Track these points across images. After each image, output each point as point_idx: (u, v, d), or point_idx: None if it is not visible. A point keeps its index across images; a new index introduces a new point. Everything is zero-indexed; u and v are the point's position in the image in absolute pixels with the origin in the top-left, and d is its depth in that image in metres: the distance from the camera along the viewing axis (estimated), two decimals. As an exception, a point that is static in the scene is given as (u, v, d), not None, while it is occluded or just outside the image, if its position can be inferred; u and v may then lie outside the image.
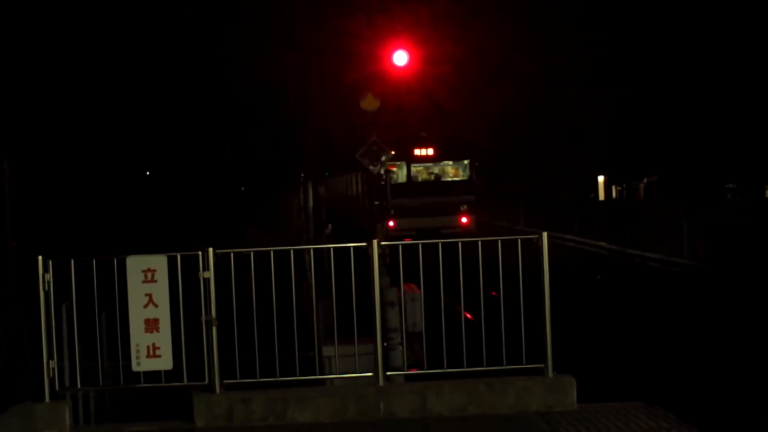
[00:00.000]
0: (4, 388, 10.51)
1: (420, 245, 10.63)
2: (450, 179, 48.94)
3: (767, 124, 58.29)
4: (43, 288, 10.23)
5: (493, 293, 10.09)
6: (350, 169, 52.39)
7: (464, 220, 46.84)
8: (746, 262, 34.47)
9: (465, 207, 47.14)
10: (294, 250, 10.75)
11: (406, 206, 42.49)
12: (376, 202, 24.04)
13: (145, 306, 10.24)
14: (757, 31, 55.47)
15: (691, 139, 59.91)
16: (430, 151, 48.38)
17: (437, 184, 47.57)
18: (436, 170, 48.50)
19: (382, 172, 24.09)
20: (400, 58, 24.68)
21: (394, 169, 46.86)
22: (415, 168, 47.83)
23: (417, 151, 47.49)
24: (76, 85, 52.54)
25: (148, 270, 10.24)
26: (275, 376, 10.52)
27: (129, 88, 58.37)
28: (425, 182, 47.47)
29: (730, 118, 59.78)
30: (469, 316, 10.86)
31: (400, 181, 46.96)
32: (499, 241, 10.56)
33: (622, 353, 21.61)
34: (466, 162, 49.99)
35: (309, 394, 10.42)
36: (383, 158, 23.26)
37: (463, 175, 49.42)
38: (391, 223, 38.49)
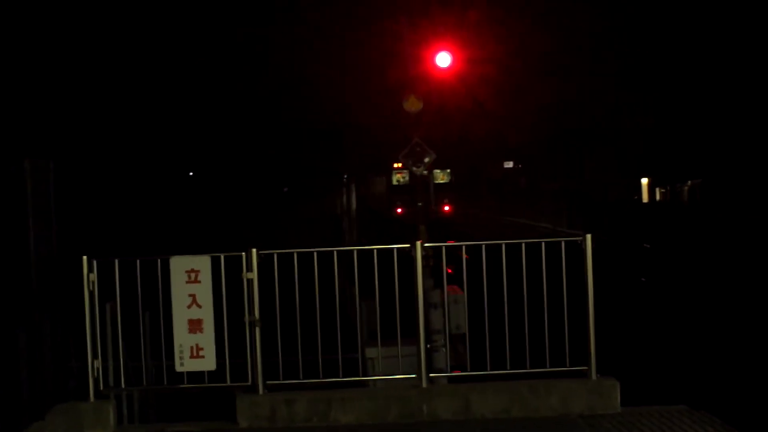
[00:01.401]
0: (50, 387, 10.57)
1: (464, 247, 10.60)
2: (439, 182, 67.95)
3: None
4: (88, 288, 10.29)
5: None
6: (383, 171, 71.44)
7: (446, 208, 69.07)
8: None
9: (446, 200, 69.20)
10: (337, 251, 10.76)
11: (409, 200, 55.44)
12: (420, 204, 23.98)
13: (189, 306, 10.27)
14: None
15: (736, 142, 59.47)
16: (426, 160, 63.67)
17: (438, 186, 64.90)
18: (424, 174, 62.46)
19: (425, 173, 24.06)
20: (443, 59, 24.63)
21: (401, 175, 67.56)
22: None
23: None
24: (123, 86, 52.89)
25: (192, 270, 10.27)
26: (318, 378, 10.53)
27: (176, 89, 58.67)
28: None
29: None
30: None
31: (403, 183, 67.27)
32: (543, 244, 10.52)
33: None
34: (448, 170, 69.89)
35: (352, 395, 10.41)
36: (426, 159, 23.24)
37: (446, 179, 69.88)
38: (398, 210, 65.16)
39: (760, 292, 31.18)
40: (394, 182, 69.23)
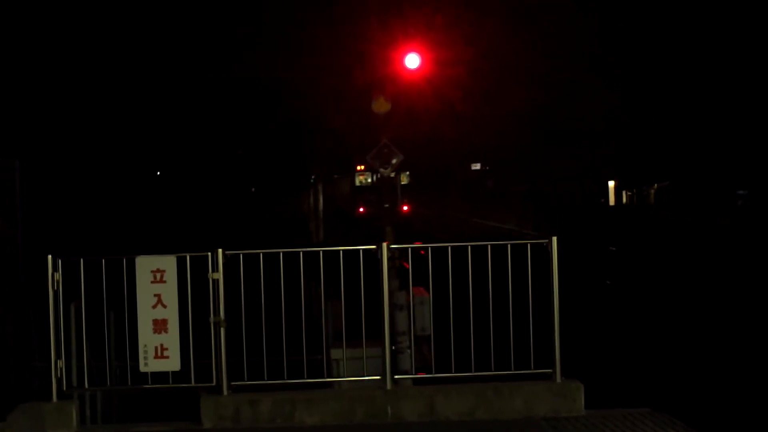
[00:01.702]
0: (13, 386, 10.51)
1: (429, 249, 10.61)
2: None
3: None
4: (52, 287, 10.24)
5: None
6: (349, 172, 74.82)
7: (405, 208, 68.42)
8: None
9: (405, 201, 68.74)
10: (303, 251, 10.74)
11: (371, 200, 62.61)
12: (387, 205, 23.97)
13: (154, 306, 10.23)
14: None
15: (702, 145, 59.82)
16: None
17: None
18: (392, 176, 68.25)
19: (392, 174, 24.05)
20: (412, 60, 24.63)
21: (363, 177, 71.98)
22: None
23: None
24: (87, 84, 52.62)
25: (158, 270, 10.24)
26: (283, 379, 10.51)
27: (140, 88, 58.43)
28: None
29: (742, 125, 59.65)
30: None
31: (365, 184, 71.50)
32: (509, 245, 10.54)
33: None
34: (407, 172, 73.34)
35: (317, 396, 10.41)
36: (394, 161, 23.23)
37: (406, 180, 71.57)
38: (360, 209, 69.09)
39: (723, 295, 31.38)
40: (357, 183, 74.28)
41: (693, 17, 57.96)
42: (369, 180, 69.88)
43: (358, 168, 72.26)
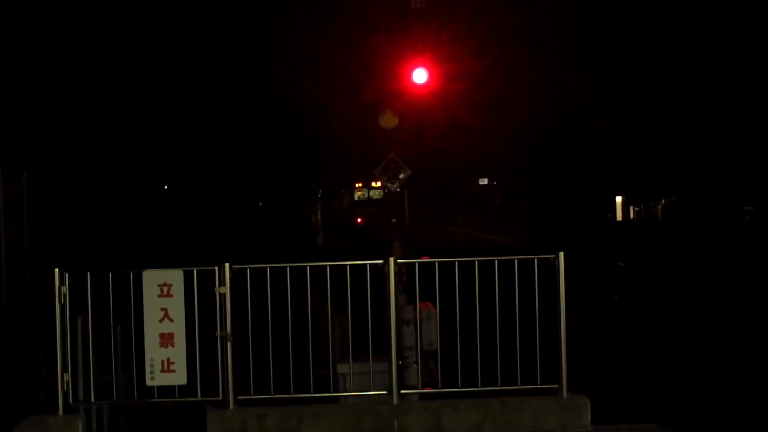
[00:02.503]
0: (20, 400, 10.52)
1: (437, 263, 10.60)
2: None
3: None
4: (59, 301, 10.24)
5: None
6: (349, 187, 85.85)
7: (393, 220, 76.12)
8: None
9: (359, 213, 79.97)
10: (310, 266, 10.73)
11: (368, 211, 76.58)
12: (394, 220, 23.97)
13: (161, 320, 10.24)
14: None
15: (710, 160, 59.76)
16: (379, 183, 74.09)
17: (380, 200, 72.91)
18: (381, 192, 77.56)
19: (398, 189, 24.05)
20: (420, 76, 24.67)
21: (361, 193, 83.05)
22: (371, 191, 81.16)
23: (373, 183, 78.63)
24: (96, 97, 52.74)
25: (164, 284, 10.24)
26: (290, 393, 10.50)
27: (150, 103, 58.57)
28: (376, 199, 77.20)
29: (750, 140, 59.60)
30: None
31: (363, 198, 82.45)
32: (516, 260, 10.53)
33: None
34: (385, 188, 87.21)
35: (323, 411, 10.40)
36: (401, 176, 23.26)
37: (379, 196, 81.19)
38: (358, 219, 78.88)
39: (730, 311, 31.32)
40: (356, 198, 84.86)
41: (702, 33, 57.96)
42: (366, 195, 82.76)
43: (357, 185, 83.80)
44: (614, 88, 65.54)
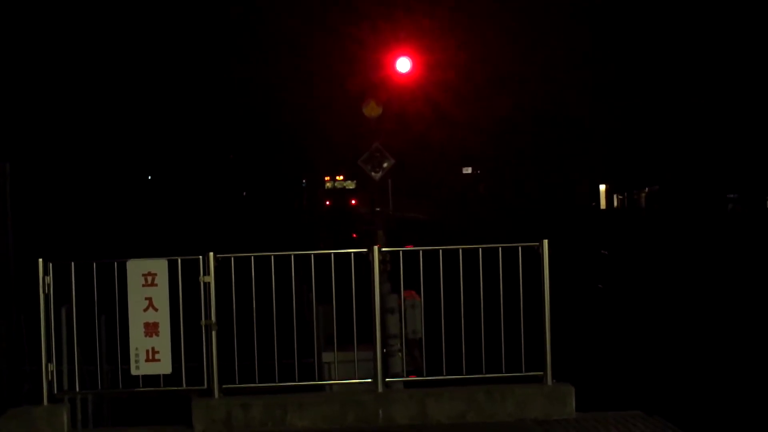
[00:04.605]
0: (4, 390, 10.50)
1: (421, 252, 10.61)
2: (348, 188, 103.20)
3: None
4: (43, 291, 10.21)
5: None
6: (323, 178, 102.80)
7: (353, 202, 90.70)
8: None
9: (354, 198, 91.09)
10: (294, 255, 10.72)
11: (335, 197, 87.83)
12: (378, 209, 23.97)
13: (145, 310, 10.22)
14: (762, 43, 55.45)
15: (693, 149, 59.86)
16: (341, 177, 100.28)
17: (348, 189, 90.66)
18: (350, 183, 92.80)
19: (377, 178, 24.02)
20: (404, 65, 24.65)
21: (329, 184, 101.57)
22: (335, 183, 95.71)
23: (337, 177, 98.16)
24: (80, 89, 52.57)
25: (149, 274, 10.23)
26: (274, 382, 10.50)
27: (133, 92, 58.39)
28: (342, 189, 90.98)
29: (732, 130, 59.76)
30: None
31: (330, 188, 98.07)
32: (500, 249, 10.54)
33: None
34: (354, 180, 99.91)
35: (308, 400, 10.40)
36: (385, 165, 23.24)
37: (353, 186, 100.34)
38: (327, 203, 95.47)
39: (713, 299, 31.43)
40: (326, 187, 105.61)
41: (683, 24, 58.05)
42: (332, 185, 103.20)
43: (326, 178, 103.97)
44: (598, 78, 65.63)
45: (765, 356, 21.63)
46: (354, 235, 76.99)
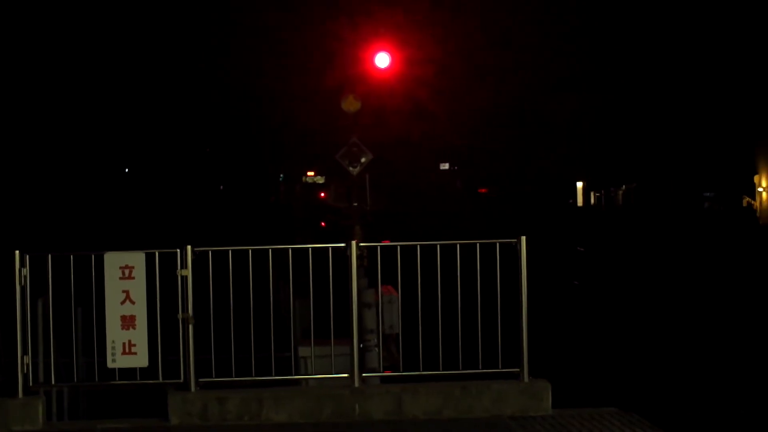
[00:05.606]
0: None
1: (399, 247, 10.60)
2: (318, 182, 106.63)
3: (745, 135, 58.50)
4: (20, 283, 10.16)
5: None
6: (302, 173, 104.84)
7: (322, 194, 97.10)
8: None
9: (322, 192, 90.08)
10: (272, 249, 10.70)
11: (310, 190, 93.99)
12: (355, 204, 23.97)
13: (122, 303, 10.19)
14: (739, 41, 55.68)
15: (670, 147, 60.08)
16: (312, 173, 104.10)
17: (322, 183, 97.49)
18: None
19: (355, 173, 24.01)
20: (382, 60, 24.64)
21: (306, 178, 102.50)
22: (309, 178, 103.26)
23: (309, 173, 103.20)
24: (57, 83, 52.37)
25: (126, 267, 10.20)
26: (251, 376, 10.48)
27: (110, 86, 58.20)
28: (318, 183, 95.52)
29: (709, 128, 60.00)
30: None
31: (308, 182, 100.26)
32: (478, 245, 10.54)
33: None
34: (323, 176, 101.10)
35: (284, 394, 10.39)
36: (363, 159, 23.24)
37: (322, 181, 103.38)
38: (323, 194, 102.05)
39: (689, 295, 31.56)
40: (303, 181, 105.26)
41: (660, 21, 58.23)
42: (310, 181, 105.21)
43: (309, 174, 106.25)
44: (576, 75, 65.77)
45: (741, 352, 21.75)
46: (323, 224, 78.27)
